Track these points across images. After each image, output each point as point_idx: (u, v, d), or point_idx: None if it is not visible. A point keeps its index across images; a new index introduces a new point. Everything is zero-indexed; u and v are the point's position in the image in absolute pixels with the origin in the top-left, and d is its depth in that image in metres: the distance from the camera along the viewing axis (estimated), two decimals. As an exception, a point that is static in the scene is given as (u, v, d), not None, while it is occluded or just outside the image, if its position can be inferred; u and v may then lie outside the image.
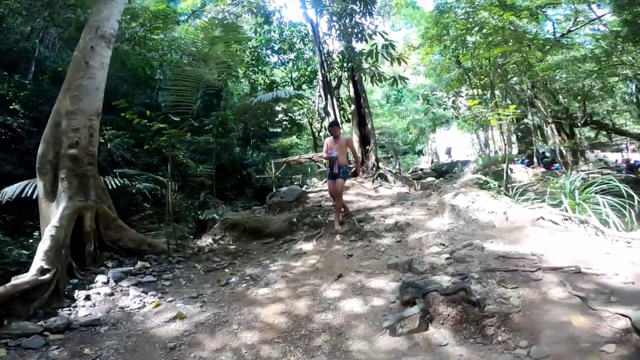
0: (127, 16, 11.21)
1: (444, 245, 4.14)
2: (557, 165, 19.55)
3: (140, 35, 11.68)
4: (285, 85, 13.94)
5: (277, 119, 10.85)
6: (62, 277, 3.95)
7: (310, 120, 12.86)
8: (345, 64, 12.24)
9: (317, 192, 8.10)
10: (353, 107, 11.85)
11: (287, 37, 14.99)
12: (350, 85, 12.16)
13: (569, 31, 13.23)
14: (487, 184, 6.08)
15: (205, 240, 6.01)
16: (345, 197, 7.33)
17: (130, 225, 5.42)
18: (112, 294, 3.91)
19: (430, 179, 22.43)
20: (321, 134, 13.79)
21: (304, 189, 8.73)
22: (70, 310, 3.62)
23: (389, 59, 11.26)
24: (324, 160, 6.57)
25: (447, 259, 3.72)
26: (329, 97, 11.51)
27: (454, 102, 11.87)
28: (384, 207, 6.04)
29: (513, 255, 3.55)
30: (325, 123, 11.57)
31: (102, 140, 11.37)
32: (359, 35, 11.45)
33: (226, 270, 4.72)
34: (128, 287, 4.06)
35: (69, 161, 4.33)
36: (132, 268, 4.48)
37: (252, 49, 13.92)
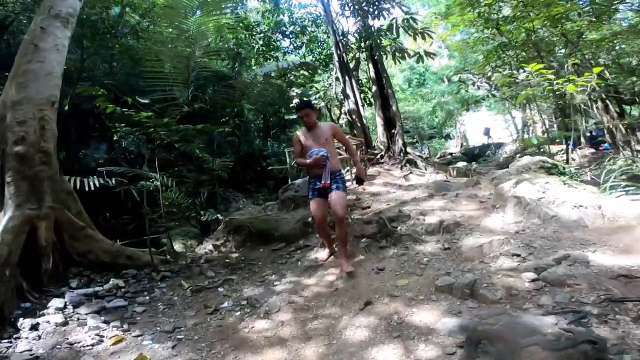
0: (127, 8, 10.29)
1: (518, 256, 2.81)
2: (606, 145, 17.22)
3: (143, 28, 10.72)
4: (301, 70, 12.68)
5: (291, 104, 9.64)
6: (8, 300, 3.00)
7: (329, 105, 11.58)
8: (362, 44, 10.79)
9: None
10: (375, 88, 10.41)
11: (298, 20, 13.61)
12: (370, 65, 10.70)
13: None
14: (555, 167, 4.60)
15: (205, 247, 4.94)
16: (371, 188, 6.06)
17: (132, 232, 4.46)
18: (64, 324, 2.90)
19: (461, 163, 20.44)
20: (341, 120, 12.45)
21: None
22: (10, 342, 2.66)
23: (412, 33, 9.66)
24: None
25: (533, 280, 2.41)
26: (347, 78, 10.13)
27: (489, 78, 10.07)
28: (420, 200, 4.70)
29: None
30: (345, 107, 10.24)
31: (116, 138, 10.64)
32: (375, 11, 9.94)
33: (220, 289, 3.61)
34: (87, 314, 3.03)
35: (15, 161, 3.34)
36: (101, 288, 3.47)
37: (262, 34, 12.62)
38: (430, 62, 31.94)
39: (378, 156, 9.35)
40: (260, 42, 12.44)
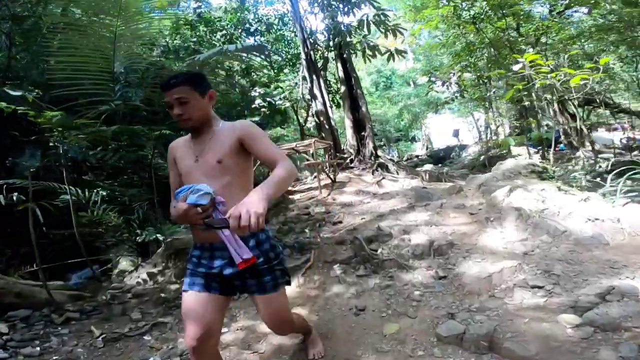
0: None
1: (540, 287, 2.13)
2: (562, 146, 17.86)
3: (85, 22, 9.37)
4: (264, 70, 11.71)
5: (253, 105, 8.72)
6: None
7: (295, 106, 10.77)
8: (331, 42, 10.13)
9: (305, 193, 6.04)
10: (343, 89, 9.74)
11: (264, 17, 12.76)
12: (339, 65, 10.03)
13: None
14: (546, 171, 4.09)
15: (139, 275, 3.91)
16: (342, 198, 5.31)
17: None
18: None
19: (428, 166, 20.46)
20: (309, 124, 11.69)
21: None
22: None
23: (383, 30, 9.12)
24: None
25: (577, 325, 1.72)
26: (314, 78, 9.38)
27: (459, 77, 9.76)
28: (400, 212, 3.99)
29: None
30: (313, 109, 9.47)
31: (52, 143, 9.14)
32: (345, 7, 9.31)
33: (146, 337, 2.65)
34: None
35: None
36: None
37: (223, 31, 11.59)
38: (396, 65, 32.30)
39: (348, 160, 8.66)
40: (222, 40, 11.37)
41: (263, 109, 8.85)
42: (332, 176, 6.64)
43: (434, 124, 25.10)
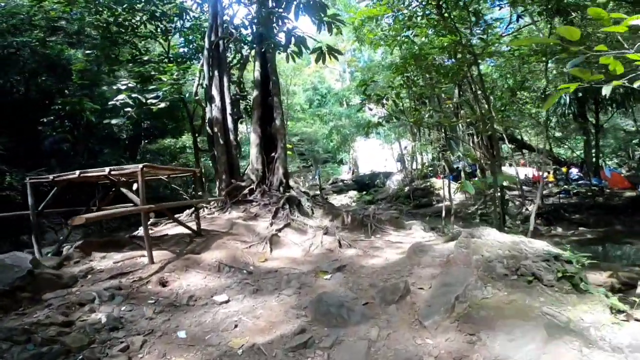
0: None
1: None
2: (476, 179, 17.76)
3: None
4: (163, 60, 8.51)
5: (114, 101, 5.57)
6: None
7: (192, 106, 7.84)
8: (252, 29, 7.58)
9: (120, 263, 3.17)
10: (255, 93, 7.18)
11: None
12: (257, 63, 7.48)
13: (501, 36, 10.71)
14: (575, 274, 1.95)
15: None
16: (182, 283, 2.63)
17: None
18: None
19: (352, 192, 18.88)
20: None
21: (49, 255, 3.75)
22: None
23: (317, 19, 6.78)
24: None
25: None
26: (215, 74, 6.64)
27: (396, 95, 7.75)
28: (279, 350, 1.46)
29: None
30: (208, 113, 6.63)
31: None
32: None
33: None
34: None
35: None
36: None
37: (109, 9, 7.97)
38: (334, 84, 31.08)
39: (246, 191, 6.02)
40: (111, 20, 7.83)
41: (127, 109, 5.76)
42: (194, 225, 3.92)
43: (361, 148, 23.99)
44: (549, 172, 16.05)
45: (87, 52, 8.11)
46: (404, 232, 5.94)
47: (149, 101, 5.56)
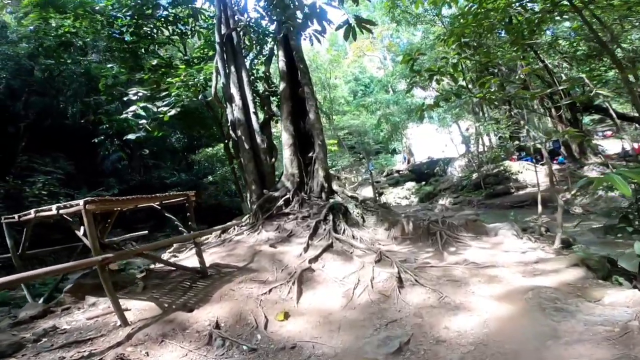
0: None
1: None
2: (561, 158, 14.52)
3: None
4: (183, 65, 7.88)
5: (125, 113, 4.90)
6: None
7: (217, 111, 7.05)
8: (271, 17, 6.52)
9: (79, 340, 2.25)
10: (283, 86, 6.08)
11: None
12: (280, 52, 6.38)
13: None
14: None
15: None
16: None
17: None
18: None
19: (410, 184, 16.86)
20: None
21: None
22: None
23: None
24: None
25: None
26: (232, 70, 5.68)
27: (452, 74, 5.98)
28: None
29: None
30: (229, 116, 5.70)
31: None
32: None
33: None
34: None
35: None
36: None
37: (117, 18, 7.46)
38: (374, 71, 29.02)
39: (281, 202, 4.94)
40: (124, 30, 7.41)
41: (143, 122, 5.05)
42: (197, 262, 2.90)
43: (415, 135, 21.73)
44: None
45: (109, 65, 7.77)
46: (489, 240, 4.33)
47: (160, 109, 4.77)
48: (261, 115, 6.54)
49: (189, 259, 3.67)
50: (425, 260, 3.50)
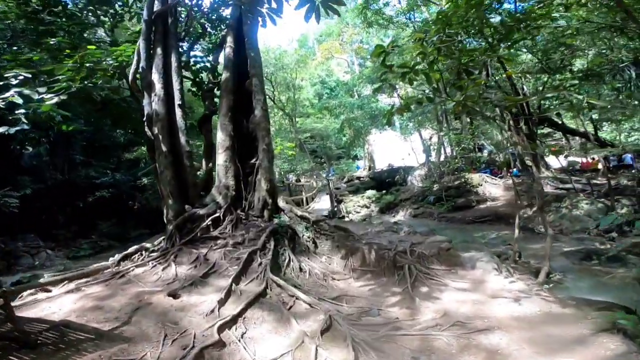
0: None
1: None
2: (515, 170, 14.62)
3: None
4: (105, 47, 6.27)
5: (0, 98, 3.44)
6: None
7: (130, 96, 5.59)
8: None
9: None
10: (225, 75, 4.86)
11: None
12: (229, 38, 5.16)
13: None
14: None
15: None
16: None
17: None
18: None
19: (370, 192, 16.20)
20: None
21: None
22: None
23: None
24: None
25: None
26: (159, 51, 4.38)
27: (426, 73, 5.05)
28: None
29: None
30: (147, 104, 4.35)
31: None
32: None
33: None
34: None
35: None
36: None
37: None
38: (341, 75, 28.39)
39: (208, 221, 3.72)
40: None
41: (20, 111, 3.58)
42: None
43: (377, 142, 21.30)
44: (594, 159, 12.87)
45: (14, 48, 6.01)
46: (466, 276, 3.49)
47: (41, 96, 3.33)
48: (200, 111, 5.27)
49: (40, 304, 2.35)
50: (393, 313, 2.53)
